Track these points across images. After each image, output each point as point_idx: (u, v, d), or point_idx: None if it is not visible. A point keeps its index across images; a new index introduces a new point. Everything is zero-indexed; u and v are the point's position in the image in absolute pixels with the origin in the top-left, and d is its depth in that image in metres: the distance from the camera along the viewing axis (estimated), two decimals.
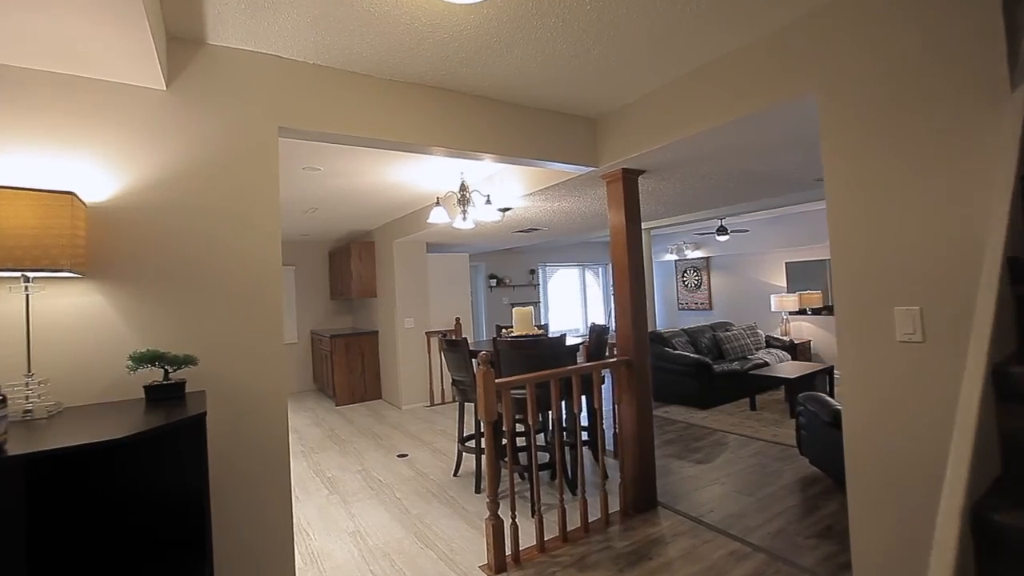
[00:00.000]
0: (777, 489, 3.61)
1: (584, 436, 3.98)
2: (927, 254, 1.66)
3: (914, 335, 1.71)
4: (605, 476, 3.07)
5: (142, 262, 1.80)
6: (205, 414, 1.47)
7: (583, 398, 3.75)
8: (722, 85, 2.35)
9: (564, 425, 3.78)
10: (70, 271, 1.51)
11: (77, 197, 1.53)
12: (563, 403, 3.60)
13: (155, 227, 1.83)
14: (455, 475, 3.98)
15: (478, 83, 2.50)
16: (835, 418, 3.47)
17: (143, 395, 1.69)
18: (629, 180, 3.20)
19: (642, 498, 3.17)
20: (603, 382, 3.14)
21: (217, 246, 1.93)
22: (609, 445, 4.37)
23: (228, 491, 1.91)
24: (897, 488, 1.77)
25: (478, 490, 3.63)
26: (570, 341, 3.60)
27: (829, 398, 3.76)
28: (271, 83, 2.08)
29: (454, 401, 6.63)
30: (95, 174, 1.74)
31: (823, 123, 1.93)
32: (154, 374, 1.72)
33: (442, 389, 6.63)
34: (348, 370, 6.90)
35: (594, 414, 3.76)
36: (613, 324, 10.21)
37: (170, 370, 1.70)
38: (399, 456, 4.55)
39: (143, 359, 1.62)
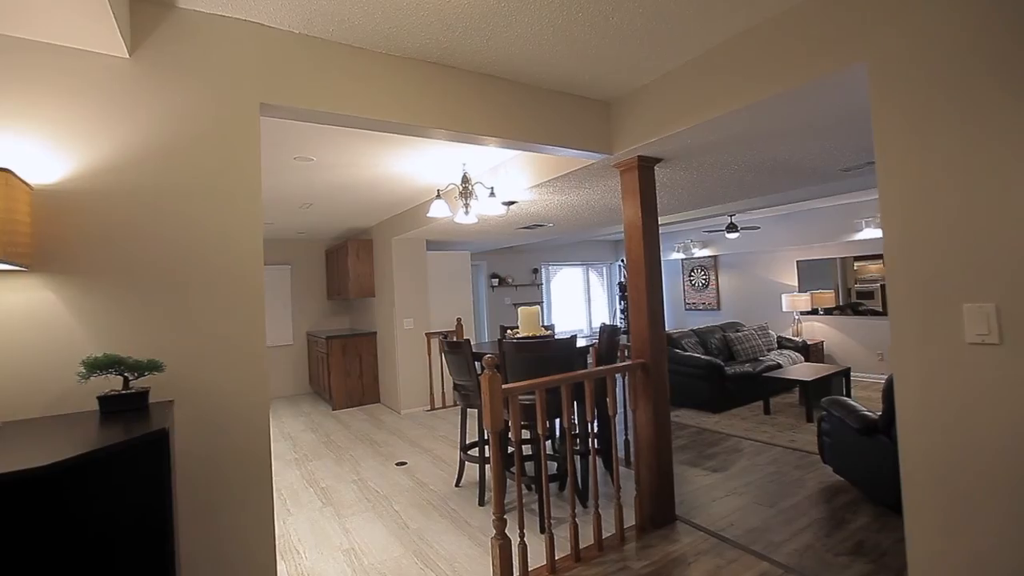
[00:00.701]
0: (800, 500, 3.38)
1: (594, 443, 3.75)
2: (1005, 244, 1.43)
3: (988, 336, 1.48)
4: (619, 487, 2.83)
5: (101, 253, 1.58)
6: (165, 430, 1.24)
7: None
8: (754, 59, 2.12)
9: (575, 432, 3.55)
10: (7, 263, 1.29)
11: (14, 175, 1.30)
12: (573, 410, 3.37)
13: (116, 213, 1.60)
14: (457, 485, 3.75)
15: (483, 59, 2.28)
16: (865, 425, 3.25)
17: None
18: (645, 169, 2.97)
19: (659, 512, 2.94)
20: (615, 386, 2.92)
21: (189, 237, 1.70)
22: (619, 452, 4.14)
23: (201, 513, 1.68)
24: (965, 509, 1.54)
25: (482, 502, 3.40)
26: (579, 342, 3.37)
27: (856, 403, 3.53)
28: (251, 54, 1.86)
29: (455, 405, 6.40)
30: (41, 153, 1.51)
31: (875, 95, 1.70)
32: (112, 383, 1.49)
33: (443, 392, 6.40)
34: (345, 373, 6.67)
35: (607, 422, 3.54)
36: (619, 325, 9.98)
37: (131, 377, 1.47)
38: (398, 464, 4.32)
39: (97, 366, 1.39)
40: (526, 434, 3.83)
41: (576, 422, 3.45)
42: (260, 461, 1.79)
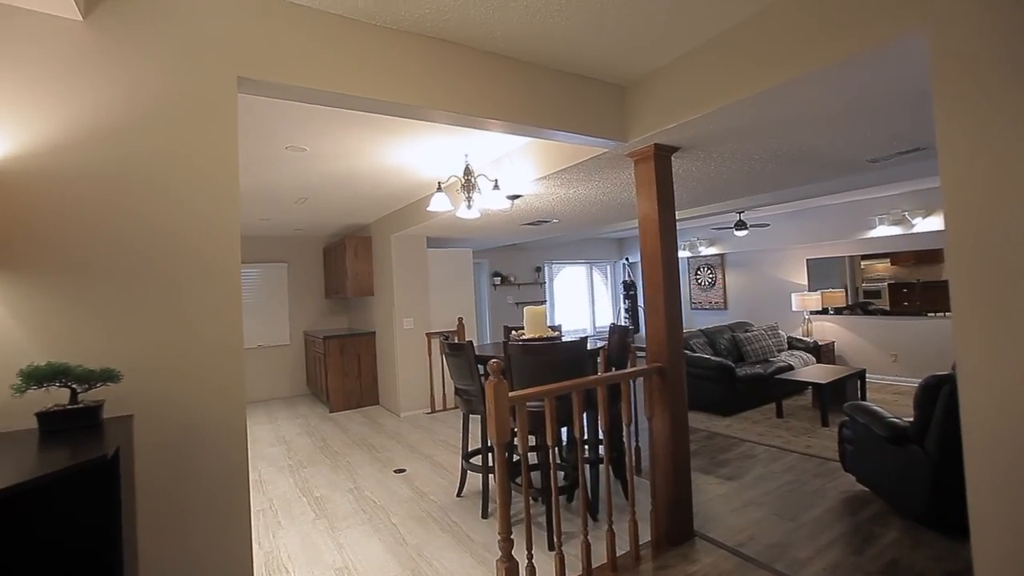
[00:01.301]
0: (822, 512, 3.18)
1: (600, 450, 3.54)
2: None
3: None
4: (634, 501, 2.62)
5: (47, 245, 1.37)
6: (107, 456, 1.03)
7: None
8: (788, 33, 1.91)
9: (586, 440, 3.35)
10: None
11: None
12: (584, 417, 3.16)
13: (65, 199, 1.39)
14: (459, 495, 3.54)
15: (488, 33, 2.07)
16: (894, 434, 3.04)
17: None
18: (661, 158, 2.76)
19: (676, 527, 2.73)
20: (629, 392, 2.71)
21: (152, 226, 1.49)
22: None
23: (169, 534, 1.48)
24: None
25: (485, 514, 3.19)
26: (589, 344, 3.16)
27: (882, 409, 3.32)
28: (227, 21, 1.64)
29: (456, 407, 6.19)
30: None
31: (937, 67, 1.49)
32: (58, 396, 1.28)
33: (443, 395, 6.19)
34: (343, 374, 6.46)
35: (620, 430, 3.34)
36: (628, 325, 9.76)
37: (79, 390, 1.26)
38: (396, 471, 4.11)
39: (35, 376, 1.19)
40: (531, 440, 3.62)
41: (587, 429, 3.24)
42: (235, 478, 1.59)
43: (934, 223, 6.07)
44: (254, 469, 4.34)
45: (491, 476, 3.27)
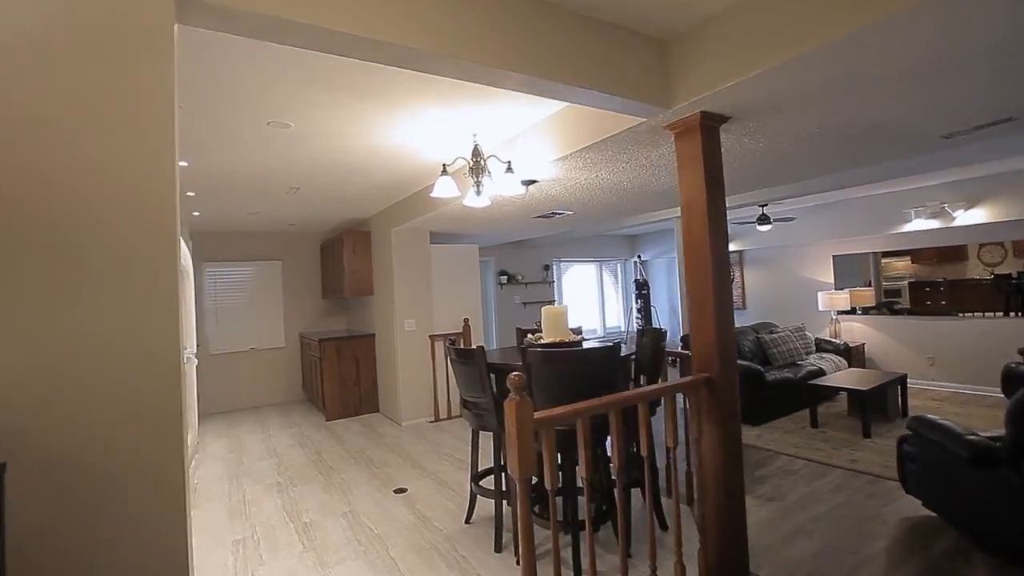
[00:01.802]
0: (889, 544, 2.75)
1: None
2: None
3: None
4: (680, 540, 2.18)
5: None
6: None
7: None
8: None
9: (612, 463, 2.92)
10: None
11: None
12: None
13: None
14: (467, 522, 3.10)
15: None
16: (978, 453, 2.59)
17: None
18: (709, 129, 2.32)
19: (729, 568, 2.29)
20: (674, 409, 2.27)
21: (48, 189, 1.06)
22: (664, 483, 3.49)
23: None
24: None
25: (498, 548, 2.75)
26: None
27: (954, 424, 2.87)
28: None
29: (462, 416, 5.74)
30: None
31: None
32: None
33: (448, 402, 5.75)
34: (340, 379, 6.03)
35: (666, 454, 2.90)
36: (635, 326, 9.32)
37: None
38: (396, 492, 3.67)
39: None
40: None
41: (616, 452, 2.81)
42: (170, 540, 1.15)
43: (977, 215, 5.62)
44: (239, 488, 3.91)
45: (504, 502, 2.83)
